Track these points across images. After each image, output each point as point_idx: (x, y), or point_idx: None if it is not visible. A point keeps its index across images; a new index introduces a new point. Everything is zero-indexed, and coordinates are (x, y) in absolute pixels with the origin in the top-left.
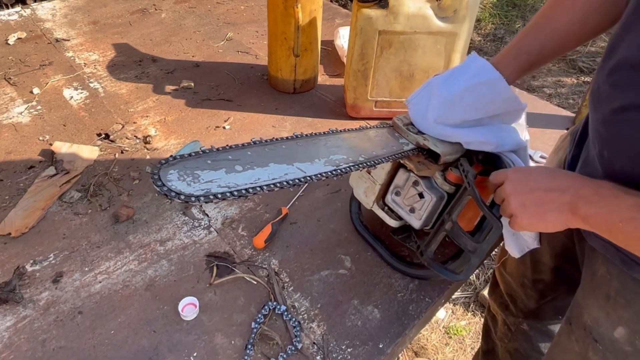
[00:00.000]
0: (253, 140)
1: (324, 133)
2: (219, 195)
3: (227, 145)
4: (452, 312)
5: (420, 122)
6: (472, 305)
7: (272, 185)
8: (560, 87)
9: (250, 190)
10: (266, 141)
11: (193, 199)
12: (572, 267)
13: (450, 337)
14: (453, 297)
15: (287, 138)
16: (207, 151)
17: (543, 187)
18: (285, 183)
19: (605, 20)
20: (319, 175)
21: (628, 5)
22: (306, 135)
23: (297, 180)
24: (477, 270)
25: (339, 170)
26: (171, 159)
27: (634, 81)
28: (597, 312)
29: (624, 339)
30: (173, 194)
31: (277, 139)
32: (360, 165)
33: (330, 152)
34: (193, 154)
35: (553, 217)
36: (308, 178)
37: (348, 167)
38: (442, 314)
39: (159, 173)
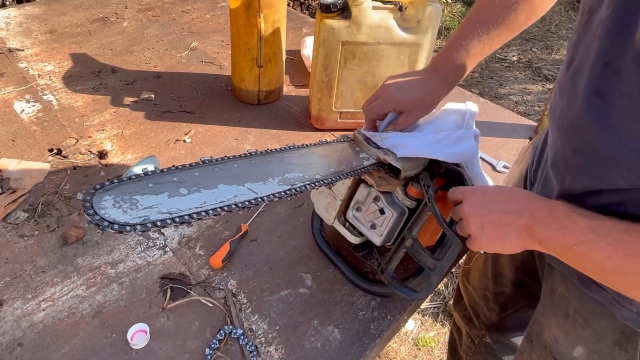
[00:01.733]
0: (202, 159)
1: (280, 149)
2: (158, 223)
3: (173, 165)
4: (421, 322)
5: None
6: (440, 315)
7: (218, 209)
8: (526, 95)
9: (195, 215)
10: (217, 160)
11: (128, 228)
12: (533, 280)
13: (419, 349)
14: (422, 307)
15: (239, 156)
16: (150, 173)
17: (500, 209)
18: (234, 206)
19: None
20: (271, 196)
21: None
22: (261, 152)
23: (247, 203)
24: (445, 280)
25: (293, 190)
26: (107, 183)
27: (604, 111)
28: (557, 331)
29: (582, 358)
30: (105, 223)
31: (228, 157)
32: (316, 184)
33: (286, 169)
34: (134, 177)
35: (511, 240)
36: (259, 199)
37: (303, 185)
38: (411, 325)
39: (91, 200)
